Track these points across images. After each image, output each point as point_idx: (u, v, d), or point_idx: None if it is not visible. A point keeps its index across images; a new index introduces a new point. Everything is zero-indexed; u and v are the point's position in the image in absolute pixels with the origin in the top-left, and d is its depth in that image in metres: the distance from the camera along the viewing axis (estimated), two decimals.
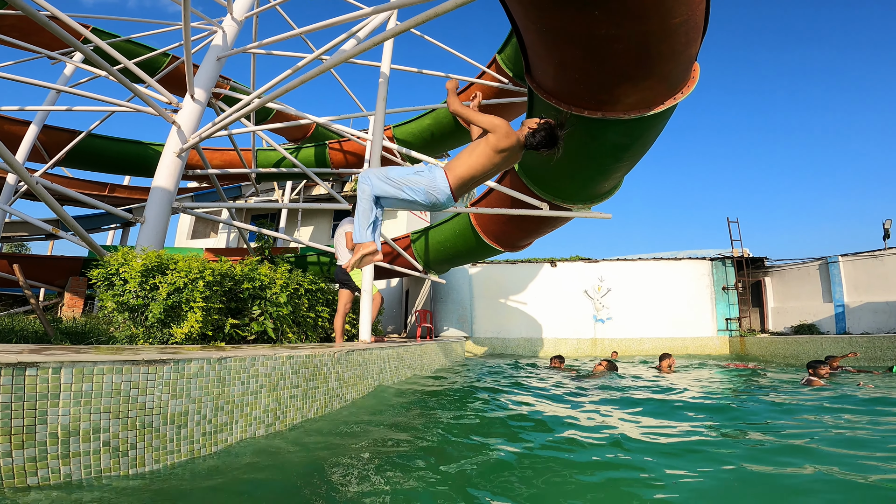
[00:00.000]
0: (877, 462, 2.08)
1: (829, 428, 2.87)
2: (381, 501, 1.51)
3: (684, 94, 5.29)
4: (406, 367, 4.70)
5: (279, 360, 2.57)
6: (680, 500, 1.61)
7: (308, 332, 5.80)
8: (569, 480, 1.62)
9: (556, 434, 2.23)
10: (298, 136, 12.51)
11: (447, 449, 1.99)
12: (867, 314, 11.28)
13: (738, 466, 1.93)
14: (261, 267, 5.34)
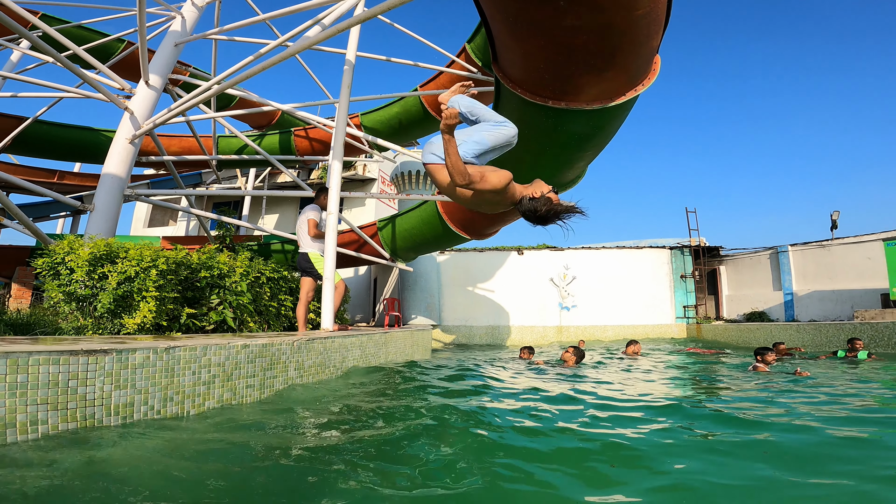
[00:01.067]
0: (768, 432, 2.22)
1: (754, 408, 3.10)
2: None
3: (645, 85, 5.40)
4: (370, 356, 4.67)
5: (233, 348, 2.50)
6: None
7: (271, 322, 5.68)
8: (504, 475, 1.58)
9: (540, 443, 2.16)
10: (263, 124, 12.25)
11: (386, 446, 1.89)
12: (814, 302, 11.94)
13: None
14: (220, 255, 5.18)
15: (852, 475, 1.65)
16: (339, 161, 5.53)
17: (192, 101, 6.44)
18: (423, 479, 1.47)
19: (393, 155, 14.23)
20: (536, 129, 6.06)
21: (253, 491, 1.39)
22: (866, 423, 2.60)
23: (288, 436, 1.94)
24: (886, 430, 2.41)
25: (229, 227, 7.48)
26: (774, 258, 12.73)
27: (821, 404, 3.27)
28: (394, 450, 1.75)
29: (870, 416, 2.92)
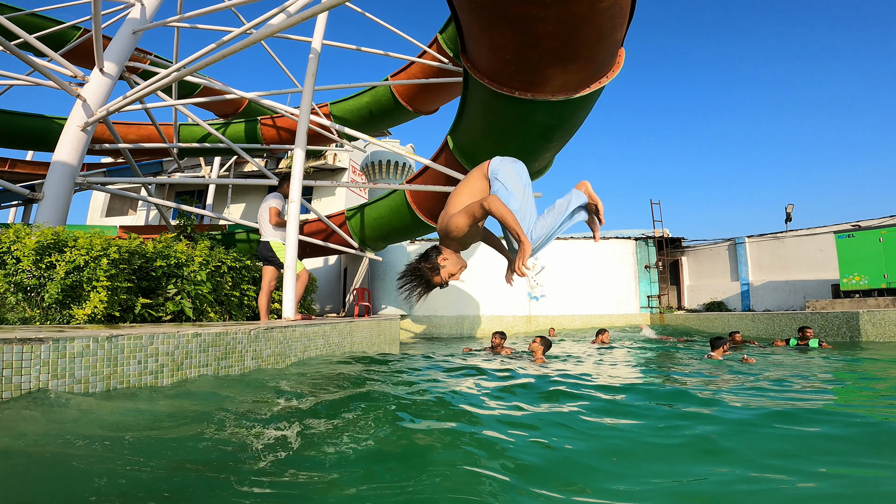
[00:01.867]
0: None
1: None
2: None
3: (609, 77, 5.48)
4: (334, 346, 4.63)
5: (183, 337, 2.43)
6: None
7: (233, 312, 5.56)
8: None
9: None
10: (229, 112, 11.99)
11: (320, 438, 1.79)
12: (769, 292, 12.47)
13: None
14: (177, 244, 5.03)
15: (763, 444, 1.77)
16: (302, 149, 5.43)
17: (148, 89, 6.34)
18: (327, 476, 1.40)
19: (363, 145, 14.06)
20: (503, 120, 6.10)
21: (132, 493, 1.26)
22: (793, 399, 2.77)
23: (206, 427, 1.84)
24: (810, 406, 2.57)
25: (191, 216, 7.27)
26: (732, 249, 13.22)
27: (752, 388, 3.45)
28: (310, 443, 1.66)
29: (798, 396, 3.10)
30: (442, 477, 1.29)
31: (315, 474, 1.32)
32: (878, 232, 10.52)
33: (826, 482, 1.38)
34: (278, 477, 1.31)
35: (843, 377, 4.60)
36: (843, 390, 3.56)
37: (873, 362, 5.87)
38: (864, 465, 1.52)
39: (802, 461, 1.55)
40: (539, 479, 1.41)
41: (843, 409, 2.36)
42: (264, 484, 1.26)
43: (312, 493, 1.22)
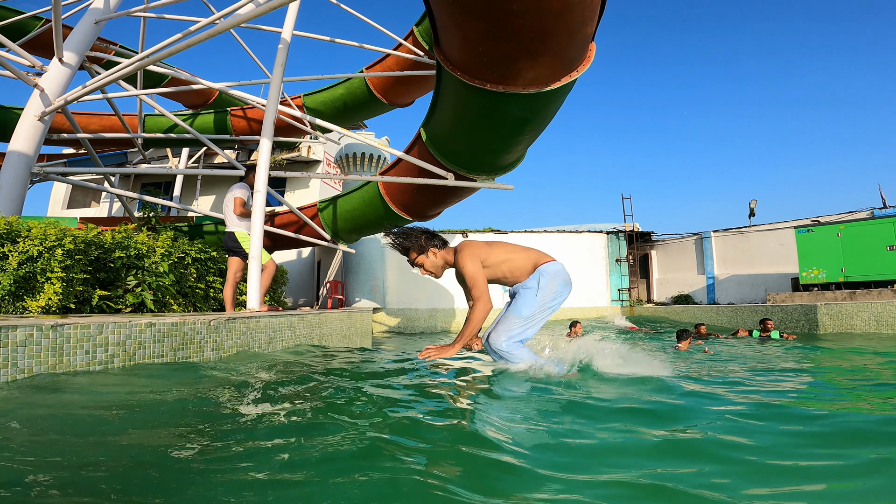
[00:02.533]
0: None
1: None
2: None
3: (580, 71, 5.53)
4: (302, 338, 4.57)
5: (136, 327, 2.37)
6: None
7: (198, 304, 5.44)
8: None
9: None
10: (199, 103, 11.72)
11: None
12: (733, 286, 12.89)
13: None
14: (138, 234, 4.88)
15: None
16: (268, 139, 5.33)
17: (109, 78, 6.22)
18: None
19: (338, 137, 13.89)
20: (475, 112, 6.11)
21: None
22: (746, 386, 2.88)
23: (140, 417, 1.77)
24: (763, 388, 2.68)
25: (155, 207, 7.07)
26: (699, 244, 13.61)
27: (718, 378, 3.59)
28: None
29: (761, 387, 3.24)
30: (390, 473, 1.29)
31: (260, 470, 1.31)
32: (837, 227, 10.99)
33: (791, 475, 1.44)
34: (224, 473, 1.29)
35: (808, 369, 4.78)
36: (807, 382, 3.70)
37: (830, 352, 6.14)
38: (825, 456, 1.58)
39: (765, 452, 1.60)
40: (503, 473, 1.41)
41: (801, 403, 2.46)
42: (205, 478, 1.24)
43: (258, 488, 1.20)
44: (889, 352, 6.12)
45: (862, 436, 1.77)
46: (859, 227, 10.81)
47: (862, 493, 1.32)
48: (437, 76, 6.14)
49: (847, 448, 1.64)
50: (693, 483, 1.33)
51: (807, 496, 1.33)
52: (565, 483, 1.34)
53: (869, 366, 4.59)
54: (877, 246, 10.48)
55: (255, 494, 1.15)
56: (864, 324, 9.06)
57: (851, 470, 1.46)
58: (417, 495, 1.17)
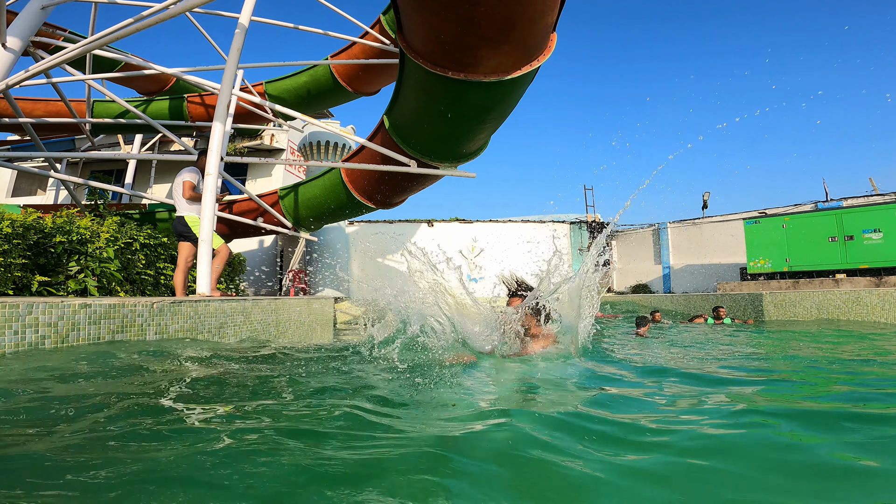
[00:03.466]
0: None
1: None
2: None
3: (540, 61, 5.61)
4: (257, 324, 4.49)
5: (69, 307, 2.28)
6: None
7: (147, 291, 5.26)
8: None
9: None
10: (154, 90, 11.33)
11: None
12: (687, 275, 13.42)
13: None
14: (81, 220, 4.66)
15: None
16: (221, 123, 5.18)
17: (52, 62, 6.04)
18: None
19: (302, 125, 13.61)
20: (437, 100, 6.12)
21: None
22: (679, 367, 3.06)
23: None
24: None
25: (103, 194, 6.78)
26: (656, 234, 14.09)
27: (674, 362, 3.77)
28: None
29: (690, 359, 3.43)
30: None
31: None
32: (782, 219, 11.58)
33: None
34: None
35: (764, 354, 5.05)
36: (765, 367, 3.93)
37: (777, 336, 6.52)
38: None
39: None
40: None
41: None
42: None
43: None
44: (822, 333, 6.57)
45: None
46: (803, 219, 11.44)
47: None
48: (400, 64, 6.11)
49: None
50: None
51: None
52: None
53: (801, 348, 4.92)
54: (819, 237, 11.12)
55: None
56: (805, 312, 9.59)
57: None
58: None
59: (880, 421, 1.75)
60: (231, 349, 3.13)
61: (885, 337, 6.09)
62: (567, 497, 1.23)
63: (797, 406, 1.95)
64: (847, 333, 6.71)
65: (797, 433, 1.61)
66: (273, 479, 1.20)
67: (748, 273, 11.67)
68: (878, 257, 10.59)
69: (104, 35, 5.59)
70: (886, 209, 10.70)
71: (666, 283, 13.69)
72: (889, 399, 2.14)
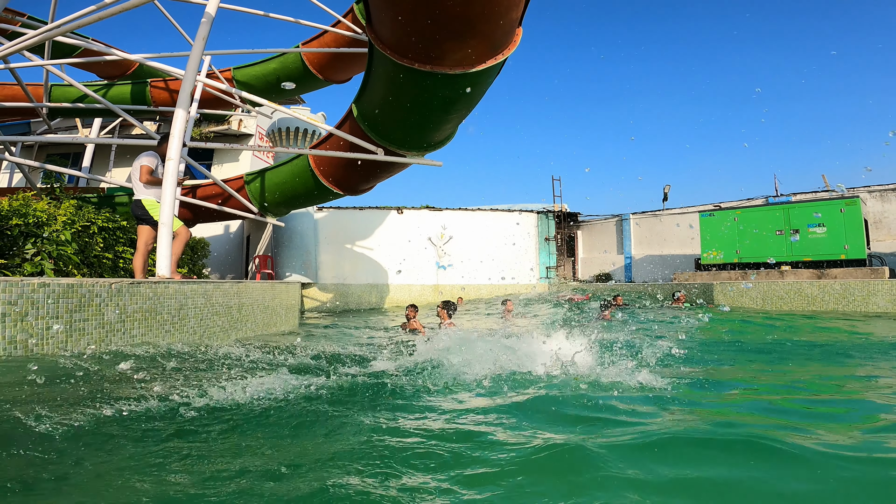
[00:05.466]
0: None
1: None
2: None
3: (505, 54, 5.78)
4: (218, 306, 4.56)
5: (27, 286, 2.34)
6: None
7: (105, 275, 5.23)
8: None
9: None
10: (116, 74, 11.04)
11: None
12: (647, 265, 13.97)
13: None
14: (37, 203, 4.61)
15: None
16: (184, 109, 5.17)
17: (9, 50, 5.92)
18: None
19: (271, 111, 13.43)
20: (404, 91, 6.23)
21: None
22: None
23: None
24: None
25: (59, 177, 6.64)
26: (619, 225, 14.59)
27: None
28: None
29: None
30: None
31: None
32: (734, 212, 12.17)
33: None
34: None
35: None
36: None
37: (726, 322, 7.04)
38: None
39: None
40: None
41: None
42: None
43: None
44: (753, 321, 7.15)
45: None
46: (753, 213, 12.05)
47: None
48: (369, 54, 6.19)
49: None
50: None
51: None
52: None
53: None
54: (768, 230, 11.75)
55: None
56: (752, 301, 10.20)
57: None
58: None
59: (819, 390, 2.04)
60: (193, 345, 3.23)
61: (820, 320, 6.67)
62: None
63: (728, 375, 2.23)
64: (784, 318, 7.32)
65: (726, 399, 1.88)
66: (232, 478, 1.30)
67: (702, 263, 12.25)
68: (822, 251, 11.27)
69: (65, 22, 5.47)
70: (830, 204, 11.35)
71: (627, 272, 14.24)
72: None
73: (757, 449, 1.49)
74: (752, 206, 12.36)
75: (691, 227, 13.44)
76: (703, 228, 12.20)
